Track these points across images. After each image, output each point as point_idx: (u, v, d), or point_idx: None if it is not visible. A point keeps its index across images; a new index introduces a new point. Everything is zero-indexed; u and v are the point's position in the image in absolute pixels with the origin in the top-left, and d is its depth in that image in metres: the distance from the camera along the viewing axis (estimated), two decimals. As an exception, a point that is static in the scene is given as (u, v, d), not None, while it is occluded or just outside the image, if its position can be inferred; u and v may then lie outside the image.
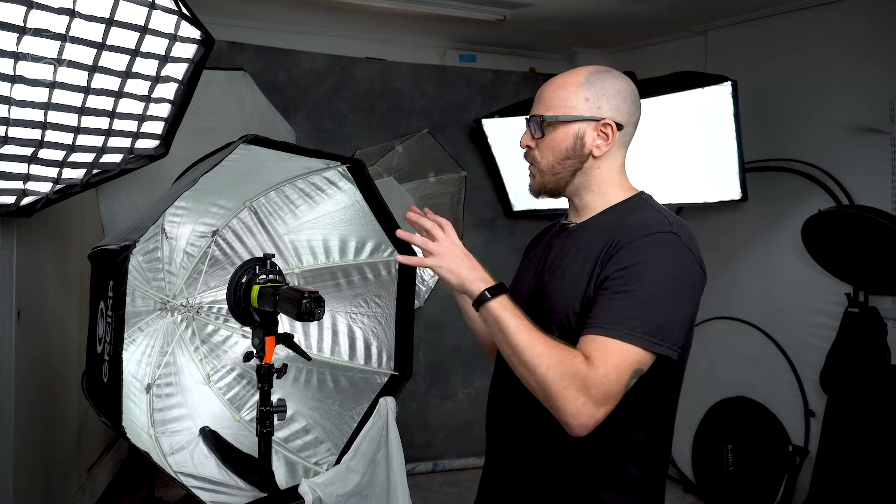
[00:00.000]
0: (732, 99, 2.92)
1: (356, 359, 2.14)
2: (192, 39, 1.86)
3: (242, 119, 2.83)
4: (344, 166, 1.95)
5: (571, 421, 1.10)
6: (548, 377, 1.10)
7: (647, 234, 1.19)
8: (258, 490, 1.76)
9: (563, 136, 1.29)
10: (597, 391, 1.09)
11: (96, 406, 1.64)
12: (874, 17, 2.90)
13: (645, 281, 1.15)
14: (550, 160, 1.31)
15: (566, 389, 1.09)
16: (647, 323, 1.13)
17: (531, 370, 1.12)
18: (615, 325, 1.13)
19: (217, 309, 2.16)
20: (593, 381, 1.10)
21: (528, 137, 1.34)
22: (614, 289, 1.16)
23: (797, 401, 3.17)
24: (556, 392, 1.10)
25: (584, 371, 1.10)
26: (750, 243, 3.40)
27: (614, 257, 1.19)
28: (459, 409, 3.91)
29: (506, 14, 3.38)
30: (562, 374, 1.09)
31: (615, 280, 1.17)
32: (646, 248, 1.18)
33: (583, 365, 1.10)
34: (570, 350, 1.13)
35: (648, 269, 1.16)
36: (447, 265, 1.21)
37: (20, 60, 1.57)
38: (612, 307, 1.15)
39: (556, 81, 1.33)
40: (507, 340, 1.15)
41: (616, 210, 1.30)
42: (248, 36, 3.55)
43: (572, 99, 1.29)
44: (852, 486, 2.80)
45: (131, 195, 2.41)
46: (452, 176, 3.66)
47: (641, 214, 1.26)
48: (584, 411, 1.09)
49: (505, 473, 1.36)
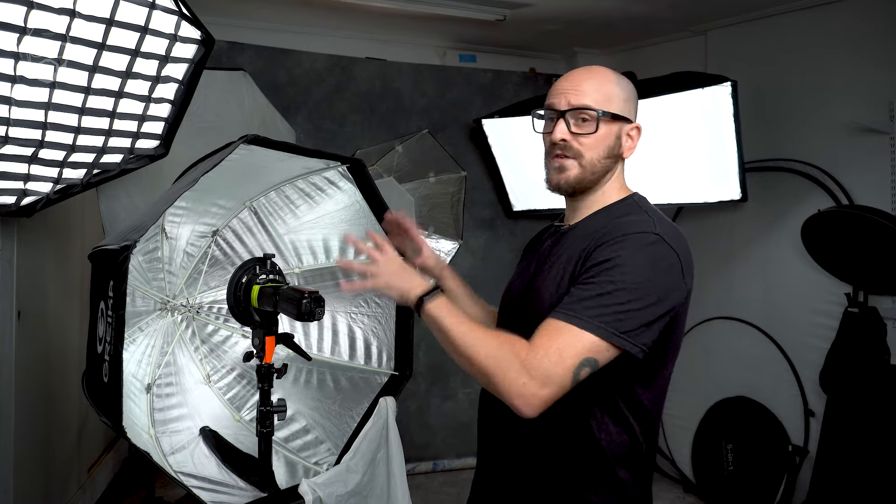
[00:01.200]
0: (732, 99, 2.92)
1: (356, 359, 2.14)
2: (193, 39, 1.86)
3: (242, 119, 2.83)
4: (344, 166, 1.95)
5: (517, 402, 1.12)
6: (487, 364, 1.13)
7: (626, 234, 1.19)
8: (258, 490, 1.76)
9: (607, 134, 1.27)
10: (537, 371, 1.11)
11: (96, 406, 1.64)
12: (874, 17, 2.90)
13: (614, 275, 1.14)
14: (594, 157, 1.27)
15: (506, 372, 1.11)
16: (604, 314, 1.12)
17: (470, 360, 1.15)
18: (569, 311, 1.14)
19: (217, 309, 2.16)
20: (532, 362, 1.11)
21: (565, 131, 1.26)
22: (582, 280, 1.18)
23: (797, 401, 3.17)
24: (498, 377, 1.12)
25: (523, 353, 1.12)
26: (750, 243, 3.40)
27: (592, 254, 1.19)
28: (459, 409, 3.91)
29: (506, 14, 3.38)
30: (500, 359, 1.12)
31: (586, 273, 1.18)
32: (622, 246, 1.17)
33: (522, 348, 1.13)
34: (509, 336, 1.16)
35: (620, 264, 1.15)
36: (384, 282, 1.25)
37: (20, 60, 1.57)
38: (574, 294, 1.16)
39: (591, 75, 1.29)
40: (446, 337, 1.18)
41: (608, 211, 1.30)
42: (248, 36, 3.55)
43: (615, 97, 1.27)
44: (852, 486, 2.80)
45: (131, 195, 2.41)
46: (452, 176, 3.66)
47: (629, 216, 1.26)
48: (527, 391, 1.10)
49: (495, 474, 1.37)
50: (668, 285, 1.17)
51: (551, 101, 1.29)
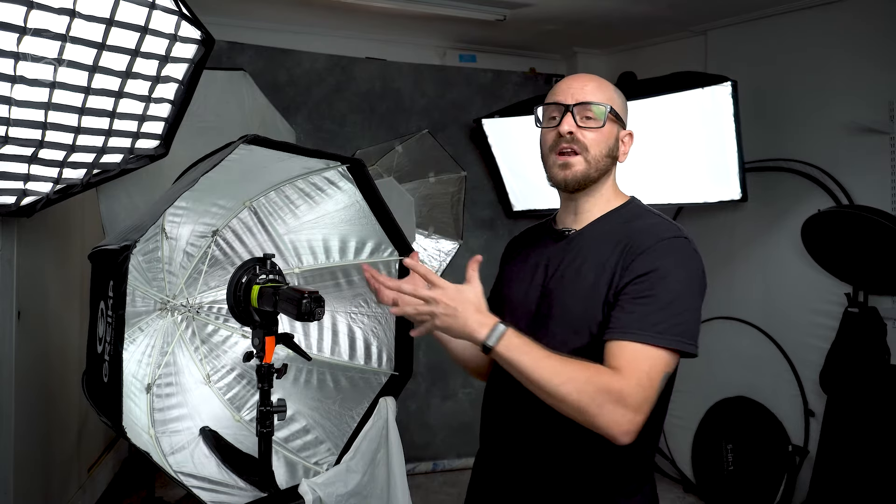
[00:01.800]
0: (732, 99, 2.92)
1: (356, 359, 2.14)
2: (193, 39, 1.86)
3: (242, 119, 2.83)
4: (344, 166, 1.95)
5: (615, 433, 1.11)
6: (581, 401, 1.09)
7: (661, 240, 1.22)
8: (258, 490, 1.76)
9: (610, 133, 1.31)
10: (633, 399, 1.10)
11: (96, 406, 1.64)
12: (874, 17, 2.90)
13: (666, 285, 1.18)
14: (598, 153, 1.30)
15: (602, 407, 1.09)
16: (672, 326, 1.15)
17: (562, 399, 1.10)
18: (642, 331, 1.14)
19: (217, 309, 2.16)
20: (627, 391, 1.10)
21: (571, 122, 1.28)
22: (635, 294, 1.18)
23: (797, 400, 3.17)
24: (594, 412, 1.09)
25: (616, 384, 1.10)
26: (750, 243, 3.40)
27: (632, 265, 1.20)
28: (459, 409, 3.91)
29: (506, 14, 3.38)
30: (594, 394, 1.09)
31: (636, 286, 1.18)
32: (663, 254, 1.20)
33: (613, 378, 1.11)
34: (593, 366, 1.12)
35: (667, 273, 1.19)
36: (442, 324, 1.14)
37: (20, 60, 1.57)
38: (635, 312, 1.16)
39: (594, 78, 1.33)
40: (528, 378, 1.12)
41: (616, 216, 1.32)
42: (248, 36, 3.56)
43: (616, 101, 1.32)
44: (852, 486, 2.80)
45: (131, 195, 2.41)
46: (452, 176, 3.66)
47: (647, 220, 1.29)
48: (625, 420, 1.10)
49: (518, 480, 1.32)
50: (703, 284, 1.24)
51: (556, 98, 1.32)
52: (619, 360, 1.13)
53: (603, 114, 1.28)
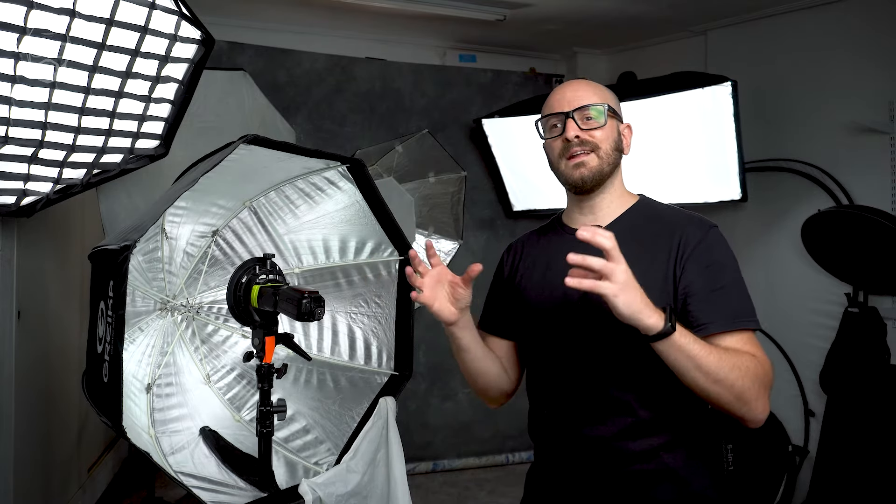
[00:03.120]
0: (732, 99, 2.92)
1: (356, 359, 2.14)
2: (193, 39, 1.86)
3: (242, 119, 2.83)
4: (344, 166, 1.95)
5: (761, 416, 1.19)
6: (745, 387, 1.15)
7: (707, 231, 1.30)
8: (258, 490, 1.76)
9: (612, 128, 1.36)
10: (771, 381, 1.21)
11: (96, 406, 1.64)
12: (874, 17, 2.90)
13: (730, 272, 1.27)
14: (608, 148, 1.35)
15: (760, 391, 1.17)
16: (751, 307, 1.26)
17: (728, 387, 1.15)
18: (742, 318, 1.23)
19: (217, 309, 2.16)
20: (770, 374, 1.20)
21: (575, 128, 1.33)
22: (711, 286, 1.24)
23: (797, 401, 3.17)
24: (752, 397, 1.16)
25: (763, 370, 1.19)
26: (750, 243, 3.40)
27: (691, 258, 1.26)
28: (459, 409, 3.91)
29: (506, 14, 3.38)
30: (753, 381, 1.16)
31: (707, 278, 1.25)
32: (715, 244, 1.29)
33: (759, 365, 1.18)
34: (744, 355, 1.19)
35: (726, 262, 1.28)
36: (624, 296, 1.09)
37: (20, 60, 1.57)
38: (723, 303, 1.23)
39: (584, 82, 1.40)
40: (697, 366, 1.14)
41: (637, 213, 1.37)
42: (248, 36, 3.56)
43: (610, 98, 1.38)
44: (852, 486, 2.80)
45: (131, 195, 2.41)
46: (452, 176, 3.66)
47: (678, 214, 1.37)
48: (768, 403, 1.20)
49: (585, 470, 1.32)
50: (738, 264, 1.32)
51: (553, 109, 1.36)
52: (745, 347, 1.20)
53: (602, 113, 1.33)
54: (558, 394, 1.37)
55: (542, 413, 1.42)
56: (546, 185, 1.41)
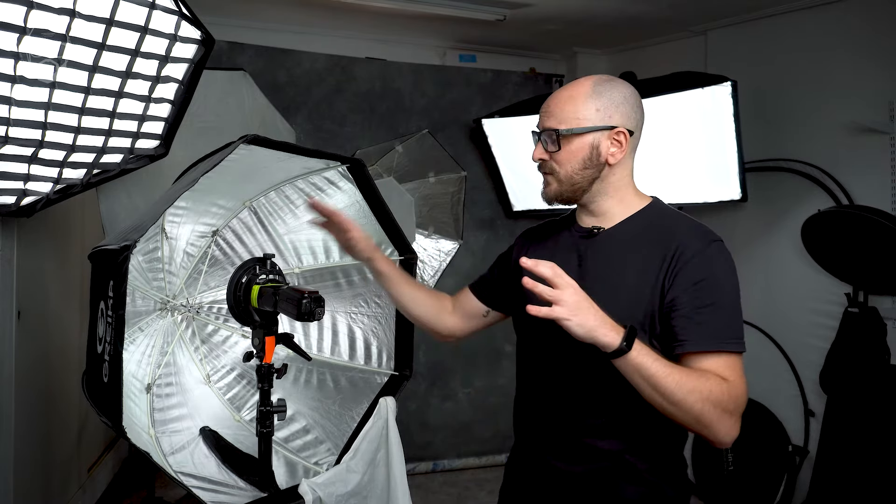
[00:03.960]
0: (732, 99, 2.92)
1: (356, 359, 2.14)
2: (193, 39, 1.86)
3: (242, 119, 2.83)
4: (344, 166, 1.95)
5: (727, 439, 1.19)
6: (704, 410, 1.15)
7: (707, 244, 1.27)
8: (258, 490, 1.76)
9: (578, 148, 1.31)
10: (742, 405, 1.20)
11: (96, 406, 1.64)
12: (874, 17, 2.90)
13: (724, 291, 1.25)
14: (568, 171, 1.32)
15: (721, 416, 1.16)
16: (738, 329, 1.25)
17: (686, 409, 1.15)
18: (725, 339, 1.22)
19: (217, 309, 2.16)
20: (740, 399, 1.20)
21: (540, 151, 1.34)
22: (700, 303, 1.22)
23: (797, 401, 3.17)
24: (713, 420, 1.16)
25: (729, 394, 1.17)
26: (750, 243, 3.40)
27: (683, 271, 1.23)
28: (459, 409, 3.91)
29: (506, 14, 3.38)
30: (715, 405, 1.15)
31: (697, 294, 1.22)
32: (713, 259, 1.26)
33: (726, 388, 1.17)
34: (710, 377, 1.18)
35: (720, 278, 1.25)
36: (577, 319, 1.12)
37: (20, 60, 1.57)
38: (709, 322, 1.21)
39: (562, 94, 1.34)
40: (654, 386, 1.15)
41: (643, 217, 1.34)
42: (248, 36, 3.55)
43: (582, 110, 1.30)
44: (852, 486, 2.80)
45: (131, 195, 2.41)
46: (452, 176, 3.66)
47: (683, 222, 1.33)
48: (736, 426, 1.19)
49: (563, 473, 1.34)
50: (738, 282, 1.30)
51: (537, 122, 1.37)
52: (716, 370, 1.19)
53: (556, 138, 1.30)
54: (538, 387, 1.40)
55: (523, 404, 1.45)
56: (546, 184, 1.40)
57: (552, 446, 1.35)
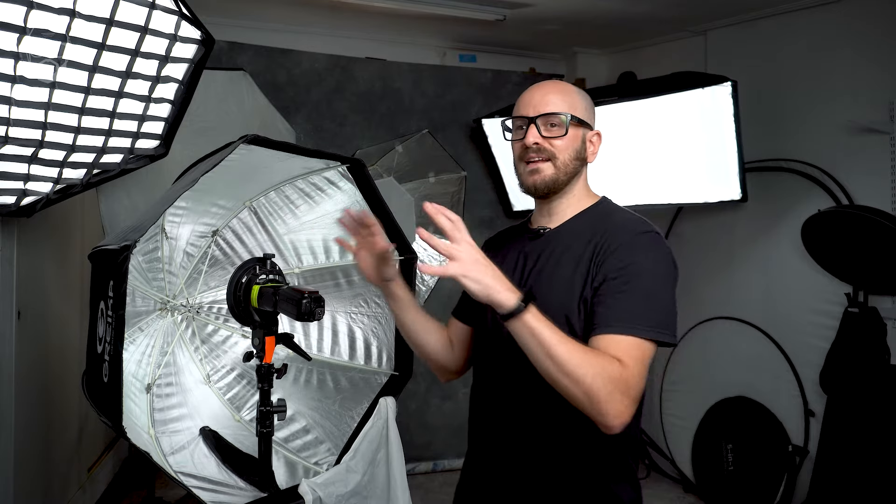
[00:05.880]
0: (732, 99, 2.92)
1: (356, 359, 2.14)
2: (193, 39, 1.86)
3: (242, 119, 2.83)
4: (344, 166, 1.95)
5: (615, 422, 1.14)
6: (594, 385, 1.11)
7: (636, 234, 1.27)
8: (258, 490, 1.76)
9: (575, 137, 1.35)
10: (633, 390, 1.15)
11: (96, 406, 1.64)
12: (874, 17, 2.90)
13: (644, 278, 1.22)
14: (567, 158, 1.35)
15: (611, 394, 1.12)
16: (652, 317, 1.20)
17: (576, 380, 1.12)
18: (632, 324, 1.18)
19: (217, 309, 2.17)
20: (631, 382, 1.14)
21: (535, 134, 1.34)
22: (616, 289, 1.21)
23: (797, 401, 3.17)
24: (603, 397, 1.12)
25: (623, 374, 1.14)
26: (750, 243, 3.40)
27: (609, 259, 1.24)
28: (459, 409, 3.91)
29: (506, 14, 3.38)
30: (606, 381, 1.12)
31: (615, 280, 1.22)
32: (638, 248, 1.25)
33: (619, 368, 1.14)
34: (605, 355, 1.15)
35: (645, 267, 1.23)
36: (472, 274, 1.11)
37: (20, 60, 1.57)
38: (619, 307, 1.20)
39: (556, 86, 1.38)
40: (547, 352, 1.12)
41: (588, 214, 1.37)
42: (248, 36, 3.56)
43: (579, 105, 1.36)
44: (852, 486, 2.80)
45: (131, 195, 2.41)
46: (452, 176, 3.66)
47: (619, 216, 1.34)
48: (627, 410, 1.14)
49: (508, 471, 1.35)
50: (675, 275, 1.28)
51: (520, 111, 1.37)
52: (614, 351, 1.16)
53: (565, 122, 1.33)
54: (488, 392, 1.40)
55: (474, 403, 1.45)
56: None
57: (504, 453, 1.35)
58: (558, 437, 1.29)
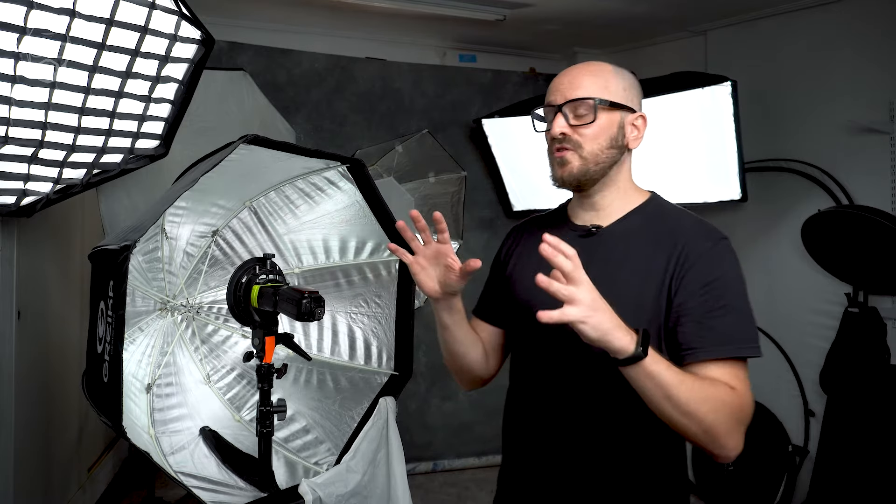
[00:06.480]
0: (732, 99, 2.92)
1: (356, 359, 2.14)
2: (193, 39, 1.86)
3: (242, 119, 2.83)
4: (344, 166, 1.95)
5: (734, 453, 1.12)
6: (715, 422, 1.08)
7: (714, 243, 1.18)
8: (258, 490, 1.76)
9: (608, 123, 1.22)
10: (750, 416, 1.12)
11: (96, 406, 1.64)
12: (874, 17, 2.90)
13: (733, 292, 1.15)
14: (596, 148, 1.22)
15: (733, 427, 1.09)
16: (749, 334, 1.15)
17: (697, 420, 1.07)
18: (735, 345, 1.13)
19: (217, 309, 2.17)
20: (747, 409, 1.12)
21: (562, 124, 1.22)
22: (709, 307, 1.14)
23: (797, 401, 3.17)
24: (723, 432, 1.09)
25: (739, 404, 1.10)
26: (750, 243, 3.40)
27: (691, 272, 1.15)
28: (459, 409, 3.91)
29: (506, 14, 3.38)
30: (726, 416, 1.08)
31: (705, 297, 1.14)
32: (721, 259, 1.17)
33: (735, 398, 1.10)
34: (719, 386, 1.10)
35: (731, 279, 1.16)
36: (593, 321, 1.00)
37: (20, 60, 1.57)
38: (717, 328, 1.13)
39: (586, 68, 1.25)
40: (666, 394, 1.05)
41: (644, 213, 1.26)
42: (248, 36, 3.55)
43: (613, 85, 1.23)
44: (852, 486, 2.80)
45: (131, 195, 2.41)
46: (452, 176, 3.66)
47: (685, 219, 1.25)
48: (742, 440, 1.12)
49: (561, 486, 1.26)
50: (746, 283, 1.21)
51: (549, 99, 1.27)
52: (725, 378, 1.11)
53: (592, 108, 1.20)
54: (536, 394, 1.30)
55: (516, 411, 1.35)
56: (546, 184, 1.34)
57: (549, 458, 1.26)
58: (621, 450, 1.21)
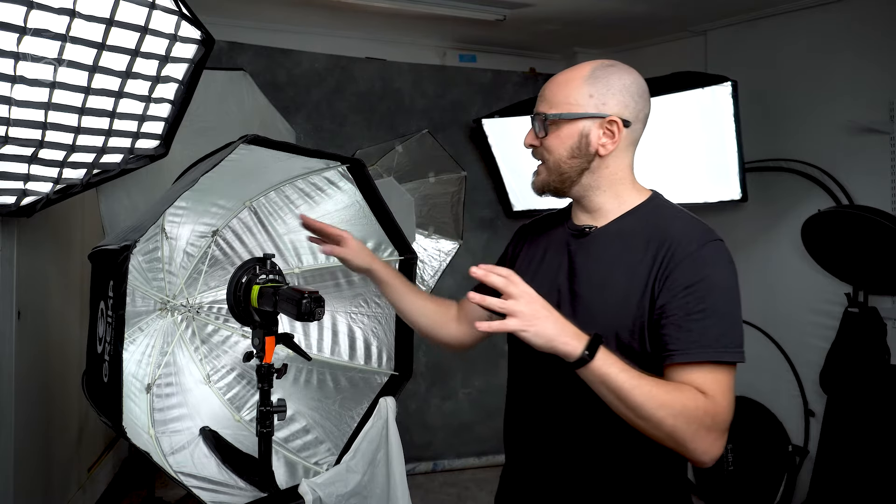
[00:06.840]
0: (732, 99, 2.93)
1: (356, 359, 2.14)
2: (193, 39, 1.86)
3: (242, 119, 2.83)
4: (344, 166, 1.95)
5: (705, 458, 1.09)
6: (676, 427, 1.06)
7: (703, 244, 1.17)
8: (258, 490, 1.76)
9: (567, 135, 1.23)
10: (723, 422, 1.10)
11: (96, 406, 1.64)
12: (874, 17, 2.90)
13: (717, 295, 1.14)
14: (555, 158, 1.25)
15: (697, 432, 1.07)
16: (733, 338, 1.14)
17: (656, 424, 1.06)
18: (713, 349, 1.11)
19: (217, 309, 2.16)
20: (720, 416, 1.09)
21: (531, 137, 1.29)
22: (689, 309, 1.13)
23: (797, 401, 3.17)
24: (688, 437, 1.07)
25: (709, 409, 1.08)
26: (750, 243, 3.40)
27: (675, 273, 1.14)
28: (459, 409, 3.91)
29: (506, 14, 3.38)
30: (689, 420, 1.06)
31: (686, 299, 1.13)
32: (707, 260, 1.16)
33: (704, 402, 1.08)
34: (686, 390, 1.08)
35: (716, 282, 1.15)
36: (533, 329, 1.05)
37: (20, 60, 1.57)
38: (696, 330, 1.12)
39: (559, 78, 1.28)
40: (622, 398, 1.06)
41: (639, 213, 1.26)
42: (248, 36, 3.56)
43: (575, 95, 1.23)
44: (852, 486, 2.80)
45: (131, 195, 2.41)
46: (452, 176, 3.66)
47: (678, 219, 1.24)
48: (716, 445, 1.09)
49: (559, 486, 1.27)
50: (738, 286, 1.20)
51: None
52: (699, 383, 1.10)
53: (543, 124, 1.26)
54: (535, 394, 1.31)
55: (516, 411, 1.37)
56: (546, 185, 1.37)
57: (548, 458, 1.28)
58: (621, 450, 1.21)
